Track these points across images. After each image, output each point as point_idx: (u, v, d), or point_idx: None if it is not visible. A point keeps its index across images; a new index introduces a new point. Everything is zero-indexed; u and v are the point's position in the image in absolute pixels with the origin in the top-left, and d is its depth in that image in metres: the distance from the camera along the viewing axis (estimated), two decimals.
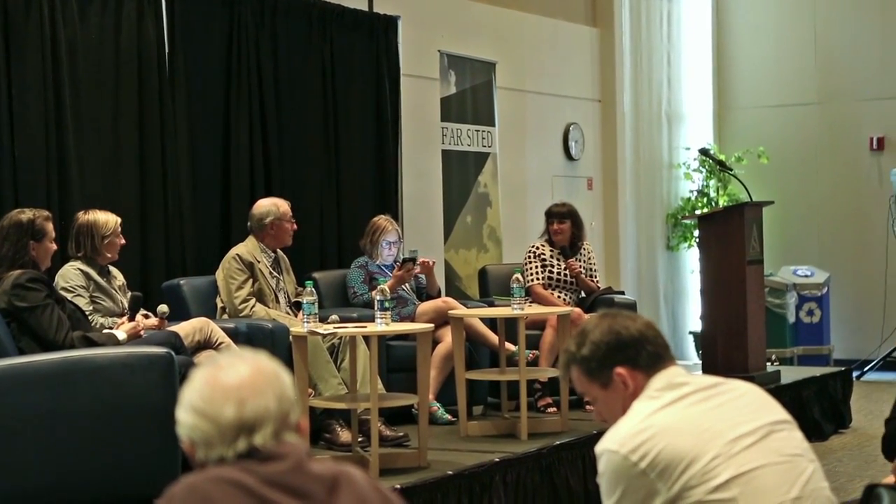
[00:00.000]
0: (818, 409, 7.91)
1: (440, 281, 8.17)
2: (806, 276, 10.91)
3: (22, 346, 4.75)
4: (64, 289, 5.37)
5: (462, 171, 8.83)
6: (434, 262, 7.14)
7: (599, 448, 2.47)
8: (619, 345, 2.54)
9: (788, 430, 2.54)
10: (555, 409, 6.71)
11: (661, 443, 2.39)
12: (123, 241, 5.66)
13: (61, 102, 6.14)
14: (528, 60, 9.86)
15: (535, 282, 7.33)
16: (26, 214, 4.98)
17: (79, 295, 5.41)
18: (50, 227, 5.03)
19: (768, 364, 8.13)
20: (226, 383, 1.90)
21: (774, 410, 2.56)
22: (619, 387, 2.54)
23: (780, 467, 2.44)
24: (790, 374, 8.14)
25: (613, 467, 2.43)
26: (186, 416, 1.90)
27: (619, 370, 2.53)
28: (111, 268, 5.69)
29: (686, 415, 2.46)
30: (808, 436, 2.63)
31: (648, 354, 2.54)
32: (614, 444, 2.44)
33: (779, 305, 10.58)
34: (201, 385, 1.91)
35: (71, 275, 5.48)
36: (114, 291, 5.60)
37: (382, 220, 7.03)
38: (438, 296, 7.10)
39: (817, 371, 8.54)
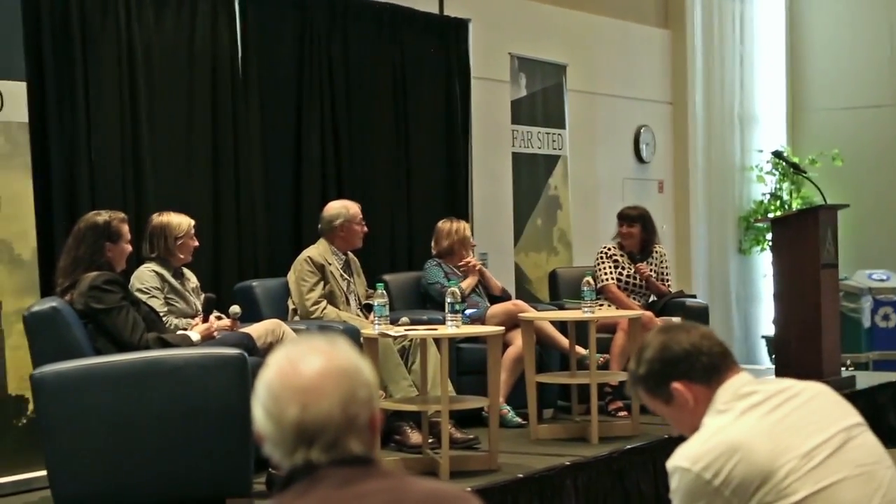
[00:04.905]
0: (894, 415, 7.79)
1: (510, 284, 8.15)
2: (881, 280, 10.75)
3: (98, 346, 4.81)
4: (139, 290, 5.43)
5: (532, 174, 8.80)
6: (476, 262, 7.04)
7: (671, 465, 2.44)
8: (671, 360, 2.52)
9: (862, 434, 2.49)
10: (626, 412, 6.67)
11: (735, 459, 2.35)
12: (197, 244, 5.71)
13: (136, 106, 6.21)
14: (599, 62, 9.81)
15: (609, 282, 7.28)
16: (102, 216, 5.02)
17: (153, 296, 5.47)
18: (125, 228, 5.06)
19: (843, 369, 8.02)
20: (294, 382, 1.84)
21: (847, 413, 2.52)
22: (680, 401, 2.52)
23: (858, 479, 2.39)
24: (865, 380, 8.01)
25: (686, 485, 2.39)
26: (257, 409, 1.88)
27: (676, 385, 2.51)
28: (185, 269, 5.74)
29: (759, 428, 2.41)
30: (884, 442, 2.58)
31: (703, 366, 2.51)
32: (686, 461, 2.40)
33: (854, 310, 10.44)
34: (273, 378, 1.87)
35: (146, 276, 5.54)
36: (187, 293, 5.65)
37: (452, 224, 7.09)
38: (503, 295, 7.09)
39: (893, 376, 8.39)
